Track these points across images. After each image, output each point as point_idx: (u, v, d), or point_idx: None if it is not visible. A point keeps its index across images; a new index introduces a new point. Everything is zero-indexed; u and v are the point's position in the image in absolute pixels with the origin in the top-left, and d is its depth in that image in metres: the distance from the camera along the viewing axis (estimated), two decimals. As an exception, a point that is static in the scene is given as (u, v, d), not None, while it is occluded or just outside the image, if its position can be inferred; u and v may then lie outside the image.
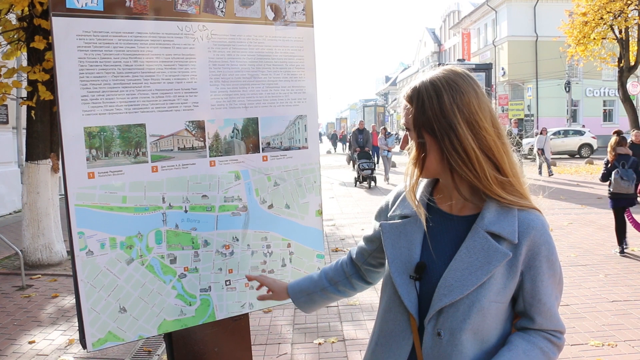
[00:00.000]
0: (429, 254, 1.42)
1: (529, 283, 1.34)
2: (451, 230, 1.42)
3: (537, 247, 1.33)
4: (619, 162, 7.13)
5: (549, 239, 1.35)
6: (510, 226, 1.33)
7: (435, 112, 1.33)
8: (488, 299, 1.32)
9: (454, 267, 1.35)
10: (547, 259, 1.34)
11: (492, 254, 1.32)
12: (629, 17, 18.57)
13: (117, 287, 2.11)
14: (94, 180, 2.05)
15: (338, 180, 19.11)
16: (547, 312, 1.36)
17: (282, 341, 4.51)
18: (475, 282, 1.31)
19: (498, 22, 38.78)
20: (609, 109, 38.31)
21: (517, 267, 1.33)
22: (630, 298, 5.36)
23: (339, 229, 9.54)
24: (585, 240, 8.00)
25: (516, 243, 1.32)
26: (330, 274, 1.80)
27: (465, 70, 1.40)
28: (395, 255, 1.46)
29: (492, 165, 1.34)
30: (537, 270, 1.34)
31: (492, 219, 1.34)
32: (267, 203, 2.43)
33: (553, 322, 1.38)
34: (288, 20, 2.44)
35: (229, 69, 2.30)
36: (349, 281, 1.77)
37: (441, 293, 1.34)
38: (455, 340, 1.33)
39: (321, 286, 1.79)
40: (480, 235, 1.34)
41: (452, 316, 1.33)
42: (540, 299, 1.35)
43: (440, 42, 56.20)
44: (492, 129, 1.35)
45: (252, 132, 2.38)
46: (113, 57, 2.06)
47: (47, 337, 4.73)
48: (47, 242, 7.21)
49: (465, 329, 1.32)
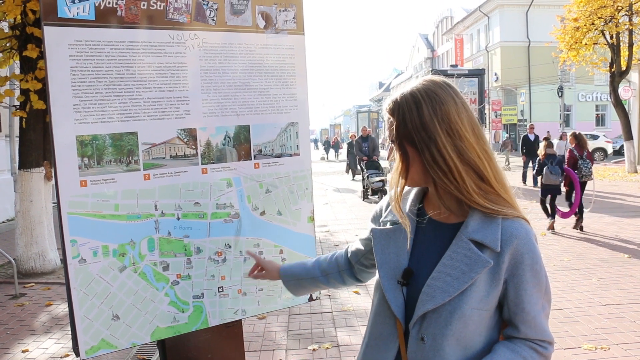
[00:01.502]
0: (416, 260, 1.44)
1: (512, 291, 1.34)
2: (438, 238, 1.44)
3: (521, 256, 1.33)
4: (548, 160, 9.06)
5: (533, 247, 1.34)
6: (493, 234, 1.33)
7: (416, 124, 1.34)
8: (469, 305, 1.32)
9: (437, 274, 1.37)
10: (530, 268, 1.33)
11: (474, 261, 1.32)
12: (619, 23, 18.71)
13: (110, 295, 2.12)
14: (87, 189, 2.06)
15: (332, 186, 19.11)
16: (531, 321, 1.35)
17: (276, 347, 4.51)
18: (457, 289, 1.32)
19: (490, 27, 38.98)
20: (601, 113, 38.54)
21: (500, 275, 1.33)
22: (622, 301, 5.39)
23: (332, 235, 9.54)
24: (578, 244, 8.04)
25: (499, 251, 1.32)
26: (324, 265, 1.84)
27: (444, 80, 1.41)
28: (384, 260, 1.48)
29: (475, 175, 1.34)
30: (520, 279, 1.33)
31: (475, 227, 1.35)
32: (259, 210, 2.44)
33: (538, 332, 1.36)
34: (279, 29, 2.46)
35: (221, 77, 2.32)
36: (340, 275, 1.81)
37: (424, 299, 1.36)
38: (438, 346, 1.34)
39: (312, 275, 1.84)
40: (464, 243, 1.35)
41: (434, 322, 1.35)
42: (524, 307, 1.34)
43: (433, 48, 56.41)
44: (474, 138, 1.35)
45: (244, 140, 2.40)
46: (105, 66, 2.07)
47: (40, 345, 4.71)
48: (41, 250, 7.18)
49: (447, 335, 1.33)
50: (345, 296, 5.87)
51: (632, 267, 6.65)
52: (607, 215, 10.59)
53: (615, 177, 18.41)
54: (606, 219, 10.23)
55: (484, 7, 38.79)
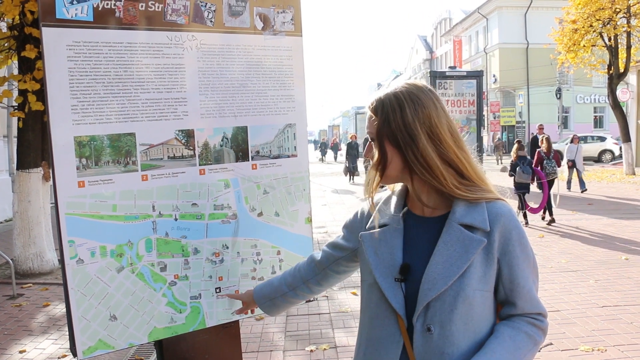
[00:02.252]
0: (410, 256, 1.47)
1: (506, 268, 1.41)
2: (427, 232, 1.48)
3: (509, 232, 1.40)
4: (520, 161, 10.12)
5: (517, 224, 1.43)
6: (481, 216, 1.40)
7: (399, 124, 1.42)
8: (471, 287, 1.37)
9: (434, 262, 1.40)
10: (519, 243, 1.41)
11: (468, 243, 1.39)
12: (617, 25, 18.75)
13: (108, 295, 2.12)
14: (84, 189, 2.07)
15: (330, 187, 19.12)
16: (526, 294, 1.42)
17: (273, 348, 4.51)
18: (457, 272, 1.37)
19: (489, 29, 39.05)
20: (599, 115, 38.62)
21: (493, 253, 1.40)
22: (620, 303, 5.40)
23: (330, 236, 9.52)
24: (575, 246, 8.05)
25: (488, 230, 1.39)
26: (289, 279, 1.88)
27: (426, 85, 1.49)
28: (378, 261, 1.50)
29: (455, 172, 1.43)
30: (512, 255, 1.40)
31: (463, 213, 1.42)
32: (257, 211, 2.45)
33: (534, 304, 1.43)
34: (277, 30, 2.47)
35: (219, 78, 2.32)
36: (306, 286, 1.85)
37: (426, 288, 1.39)
38: (446, 332, 1.37)
39: (281, 292, 1.88)
40: (455, 228, 1.41)
41: (439, 309, 1.38)
42: (519, 282, 1.41)
43: (431, 50, 56.48)
44: (452, 139, 1.43)
45: (242, 141, 2.40)
46: (103, 67, 2.07)
47: (38, 346, 4.71)
48: (38, 250, 7.18)
49: (454, 320, 1.37)
50: (342, 297, 5.88)
51: (630, 269, 6.67)
52: (604, 217, 10.61)
53: (613, 179, 18.45)
54: (604, 220, 10.26)
55: (482, 8, 38.86)
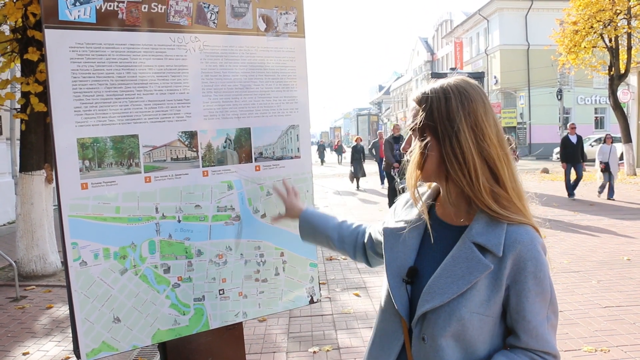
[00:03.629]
0: (422, 260, 1.46)
1: (514, 298, 1.32)
2: (445, 239, 1.44)
3: (523, 262, 1.31)
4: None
5: (537, 255, 1.32)
6: (497, 239, 1.32)
7: (442, 115, 1.36)
8: (468, 309, 1.31)
9: (438, 275, 1.38)
10: (533, 275, 1.31)
11: (474, 264, 1.32)
12: (618, 26, 18.74)
13: (111, 297, 2.12)
14: (87, 191, 2.06)
15: (332, 189, 19.12)
16: (532, 330, 1.32)
17: (277, 350, 4.51)
18: (456, 291, 1.32)
19: (490, 31, 39.06)
20: (600, 116, 38.60)
21: (502, 280, 1.32)
22: (622, 304, 5.39)
23: (333, 238, 9.54)
24: (577, 246, 8.04)
25: (500, 256, 1.31)
26: (345, 232, 1.89)
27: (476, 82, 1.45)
28: (392, 258, 1.50)
29: (491, 175, 1.35)
30: (522, 286, 1.31)
31: (480, 230, 1.35)
32: (260, 212, 2.44)
33: (540, 342, 1.33)
34: (280, 31, 2.47)
35: (222, 80, 2.32)
36: (354, 250, 1.87)
37: (424, 299, 1.37)
38: (437, 346, 1.35)
39: (329, 234, 1.91)
40: (467, 245, 1.35)
41: (433, 323, 1.36)
42: (525, 316, 1.32)
43: (433, 51, 56.49)
44: (496, 140, 1.37)
45: (245, 142, 2.40)
46: (106, 68, 2.07)
47: (41, 348, 4.71)
48: (41, 253, 7.19)
49: (445, 336, 1.33)
50: (345, 299, 5.87)
51: (632, 270, 6.66)
52: (606, 218, 10.60)
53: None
54: (605, 221, 10.24)
55: (483, 10, 38.87)
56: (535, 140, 36.30)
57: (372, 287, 6.25)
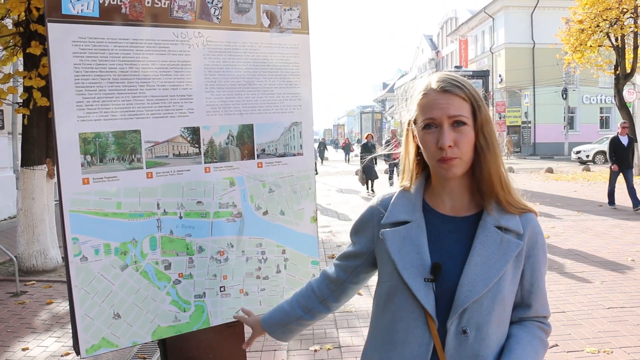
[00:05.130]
0: (439, 255, 1.42)
1: (529, 271, 1.43)
2: (455, 231, 1.44)
3: (535, 237, 1.44)
4: None
5: (541, 229, 1.48)
6: (514, 219, 1.42)
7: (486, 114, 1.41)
8: (507, 288, 1.39)
9: (472, 263, 1.38)
10: (542, 248, 1.45)
11: (507, 245, 1.39)
12: (624, 25, 18.65)
13: (111, 293, 2.11)
14: (89, 186, 2.05)
15: (335, 187, 19.10)
16: (542, 297, 1.47)
17: (277, 348, 4.49)
18: (496, 274, 1.37)
19: (495, 29, 38.94)
20: (605, 115, 38.46)
21: (522, 256, 1.42)
22: (626, 305, 5.36)
23: (335, 236, 9.53)
24: (581, 247, 8.00)
25: (521, 233, 1.41)
26: (303, 302, 1.74)
27: None
28: (405, 260, 1.43)
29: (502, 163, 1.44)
30: (536, 258, 1.44)
31: (497, 216, 1.42)
32: (262, 209, 2.43)
33: (545, 307, 1.49)
34: (284, 28, 2.45)
35: (225, 76, 2.31)
36: (324, 305, 1.72)
37: (466, 290, 1.36)
38: (483, 335, 1.37)
39: (296, 316, 1.74)
40: (491, 230, 1.40)
41: (477, 311, 1.36)
42: (539, 285, 1.45)
43: (437, 49, 56.37)
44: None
45: (247, 139, 2.39)
46: (108, 63, 2.06)
47: (41, 344, 4.71)
48: (42, 248, 7.18)
49: (491, 322, 1.37)
50: (347, 297, 5.86)
51: (636, 270, 6.62)
52: (610, 218, 10.56)
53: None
54: (609, 221, 10.20)
55: (488, 8, 38.74)
56: (540, 139, 36.19)
57: (374, 285, 6.22)
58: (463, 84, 1.40)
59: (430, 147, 1.39)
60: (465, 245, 1.41)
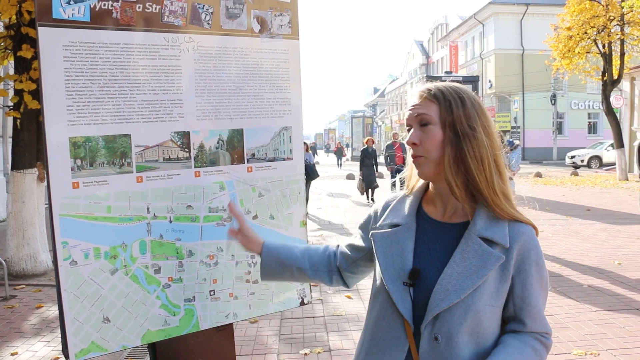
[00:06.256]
0: (421, 261, 1.44)
1: (519, 287, 1.40)
2: (442, 237, 1.45)
3: (527, 251, 1.39)
4: None
5: (537, 244, 1.42)
6: (502, 231, 1.39)
7: (460, 115, 1.40)
8: (483, 302, 1.36)
9: (449, 272, 1.38)
10: (535, 263, 1.40)
11: (486, 257, 1.37)
12: (611, 33, 18.87)
13: (101, 297, 2.11)
14: (79, 190, 2.06)
15: (326, 191, 19.12)
16: (536, 314, 1.41)
17: (267, 352, 4.50)
18: (471, 286, 1.35)
19: (485, 35, 39.19)
20: (593, 121, 38.80)
21: (509, 270, 1.38)
22: (613, 308, 5.41)
23: (325, 240, 9.55)
24: (569, 250, 8.07)
25: (507, 247, 1.38)
26: (315, 258, 1.74)
27: None
28: (388, 263, 1.47)
29: (498, 174, 1.41)
30: (527, 274, 1.39)
31: (484, 225, 1.40)
32: (252, 214, 2.44)
33: (542, 324, 1.43)
34: (274, 33, 2.47)
35: (215, 81, 2.32)
36: (329, 275, 1.74)
37: (438, 298, 1.37)
38: (453, 344, 1.36)
39: (299, 264, 1.72)
40: (474, 240, 1.39)
41: (448, 320, 1.36)
42: (530, 302, 1.40)
43: (428, 55, 56.64)
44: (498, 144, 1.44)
45: (237, 143, 2.40)
46: (99, 67, 2.07)
47: (30, 348, 4.68)
48: (32, 251, 7.14)
49: (462, 332, 1.35)
50: (337, 301, 5.87)
51: (623, 274, 6.69)
52: (597, 222, 10.64)
53: (606, 184, 18.52)
54: (597, 225, 10.29)
55: (478, 14, 39.00)
56: (529, 144, 36.44)
57: (363, 289, 6.25)
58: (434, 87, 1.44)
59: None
60: (449, 253, 1.42)
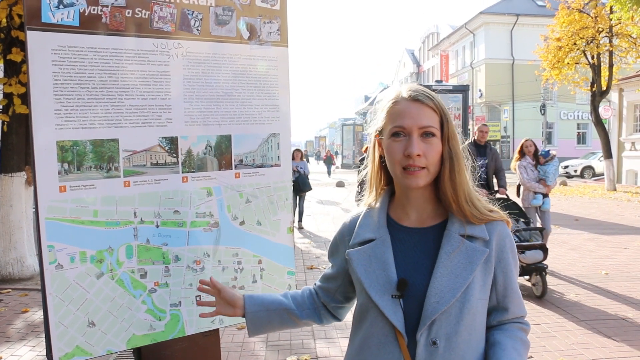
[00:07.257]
0: (405, 270, 1.42)
1: (500, 275, 1.43)
2: (421, 243, 1.45)
3: (503, 240, 1.44)
4: None
5: (509, 232, 1.47)
6: (479, 226, 1.42)
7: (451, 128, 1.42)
8: (475, 297, 1.38)
9: (439, 274, 1.38)
10: (511, 250, 1.45)
11: (472, 253, 1.39)
12: (600, 44, 19.09)
13: (86, 301, 2.11)
14: (65, 194, 2.06)
15: (315, 198, 19.11)
16: (517, 299, 1.47)
17: (255, 358, 4.49)
18: (463, 284, 1.36)
19: (476, 44, 39.46)
20: (582, 131, 39.12)
21: (492, 262, 1.42)
22: (599, 317, 5.45)
23: (314, 247, 9.55)
24: (557, 260, 8.12)
25: (488, 239, 1.41)
26: (299, 299, 1.70)
27: None
28: (372, 279, 1.43)
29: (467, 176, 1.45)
30: (507, 262, 1.44)
31: (461, 223, 1.42)
32: (239, 219, 2.45)
33: (522, 307, 1.49)
34: (263, 40, 2.49)
35: (204, 87, 2.34)
36: (317, 312, 1.70)
37: (433, 302, 1.36)
38: (452, 344, 1.36)
39: (286, 307, 1.67)
40: (456, 238, 1.40)
41: (445, 322, 1.36)
42: (512, 287, 1.45)
43: (419, 63, 56.94)
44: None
45: (225, 149, 2.41)
46: (88, 72, 2.08)
47: (14, 353, 4.64)
48: (19, 255, 7.09)
49: (460, 331, 1.36)
50: (325, 308, 5.86)
51: (610, 284, 6.74)
52: (585, 232, 10.72)
53: (595, 194, 18.67)
54: (585, 235, 10.36)
55: (469, 24, 39.29)
56: (518, 154, 36.63)
57: (352, 296, 6.25)
58: (433, 96, 1.43)
59: (397, 155, 1.39)
60: (432, 257, 1.41)
